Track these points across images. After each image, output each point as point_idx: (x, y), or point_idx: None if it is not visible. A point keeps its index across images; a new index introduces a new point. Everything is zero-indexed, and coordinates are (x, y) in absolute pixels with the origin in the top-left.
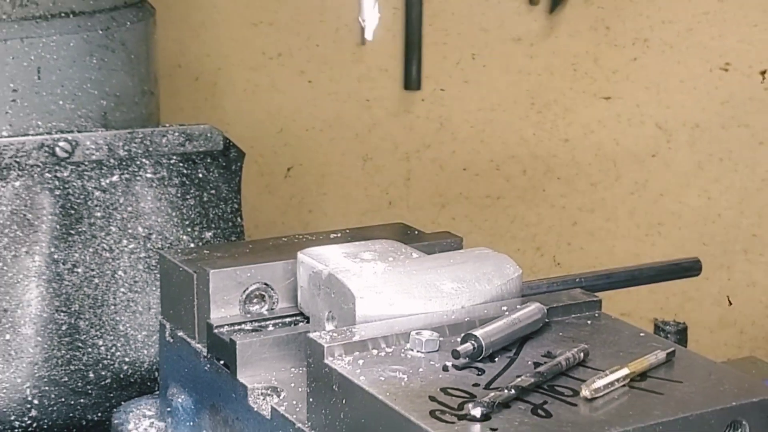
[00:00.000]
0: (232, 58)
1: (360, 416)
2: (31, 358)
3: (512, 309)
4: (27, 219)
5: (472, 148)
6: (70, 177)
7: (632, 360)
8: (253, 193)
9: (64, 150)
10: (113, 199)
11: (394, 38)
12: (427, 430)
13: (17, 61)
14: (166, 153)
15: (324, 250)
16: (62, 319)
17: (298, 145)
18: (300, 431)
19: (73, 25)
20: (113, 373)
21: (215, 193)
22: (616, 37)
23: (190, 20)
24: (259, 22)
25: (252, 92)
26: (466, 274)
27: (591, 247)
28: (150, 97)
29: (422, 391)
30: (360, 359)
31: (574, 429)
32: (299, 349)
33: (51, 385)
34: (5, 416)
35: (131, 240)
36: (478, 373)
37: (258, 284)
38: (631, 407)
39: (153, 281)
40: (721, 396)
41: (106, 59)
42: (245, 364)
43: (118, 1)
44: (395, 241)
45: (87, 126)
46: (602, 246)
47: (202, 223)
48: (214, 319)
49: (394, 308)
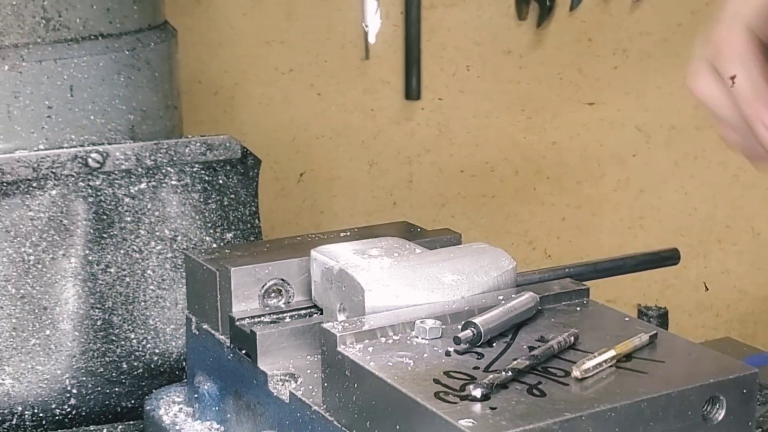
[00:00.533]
0: (247, 74)
1: (371, 399)
2: (70, 352)
3: (508, 298)
4: (63, 224)
5: (469, 151)
6: (101, 185)
7: (618, 342)
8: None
9: (95, 161)
10: (141, 204)
11: (395, 53)
12: (433, 411)
13: (51, 81)
14: (189, 162)
15: (335, 248)
16: (97, 315)
17: (309, 153)
18: (316, 413)
19: (102, 47)
20: (144, 363)
21: (234, 197)
22: (598, 48)
23: (209, 40)
24: (271, 40)
25: (266, 105)
26: (465, 267)
27: (578, 240)
28: (173, 111)
29: (427, 375)
30: (370, 347)
31: (566, 406)
32: (314, 338)
33: (88, 376)
34: (47, 405)
35: (159, 242)
36: (477, 357)
37: (275, 280)
38: (618, 386)
39: (179, 279)
40: (700, 374)
41: (132, 77)
42: (265, 353)
43: (143, 23)
44: (400, 239)
45: (116, 138)
46: (589, 239)
47: (223, 225)
48: (235, 312)
49: (400, 299)
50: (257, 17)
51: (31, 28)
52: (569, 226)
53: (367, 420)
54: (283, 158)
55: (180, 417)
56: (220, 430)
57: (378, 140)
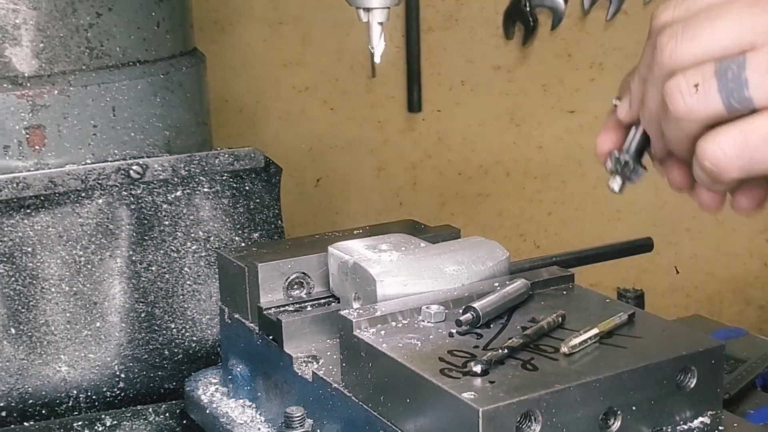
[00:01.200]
0: (268, 93)
1: (384, 376)
2: (118, 341)
3: (502, 285)
4: (109, 229)
5: (465, 156)
6: (142, 194)
7: (601, 321)
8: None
9: (136, 172)
10: (178, 210)
11: (398, 71)
12: (439, 385)
13: (96, 102)
14: (218, 171)
15: (349, 244)
16: (141, 308)
17: (324, 161)
18: (336, 390)
19: (139, 72)
20: (184, 350)
21: (259, 201)
22: (576, 62)
23: (233, 64)
24: (288, 63)
25: (285, 119)
26: (464, 258)
27: (564, 232)
28: (204, 127)
29: (433, 354)
30: (382, 330)
31: (556, 379)
32: (333, 324)
33: (134, 362)
34: (99, 388)
35: (194, 242)
36: (477, 338)
37: (297, 273)
38: (601, 359)
39: (213, 275)
40: (673, 347)
41: (167, 98)
42: (290, 338)
43: (175, 50)
44: (406, 234)
45: (154, 152)
46: (573, 231)
47: (250, 226)
48: (263, 303)
49: (408, 288)
50: (276, 43)
51: (77, 57)
52: (555, 220)
53: (381, 395)
54: (302, 166)
55: (216, 396)
56: (251, 406)
57: (385, 148)
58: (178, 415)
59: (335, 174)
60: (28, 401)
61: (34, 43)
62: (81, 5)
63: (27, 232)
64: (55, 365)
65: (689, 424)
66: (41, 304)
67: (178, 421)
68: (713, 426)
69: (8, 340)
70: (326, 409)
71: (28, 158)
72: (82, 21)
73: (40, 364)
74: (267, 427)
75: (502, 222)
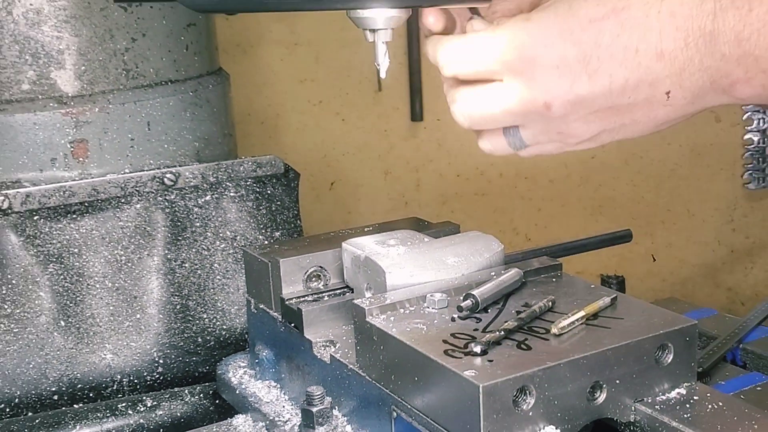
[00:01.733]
0: (286, 107)
1: (394, 357)
2: (156, 330)
3: (498, 274)
4: (147, 231)
5: (463, 160)
6: (175, 199)
7: (587, 305)
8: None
9: (170, 180)
10: (207, 213)
11: (401, 85)
12: (443, 364)
13: (133, 118)
14: (243, 177)
15: (361, 240)
16: (176, 300)
17: (337, 166)
18: (352, 371)
19: (171, 90)
20: (215, 337)
21: (280, 203)
22: None
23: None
24: (304, 79)
25: (302, 130)
26: (464, 251)
27: (552, 226)
28: (230, 138)
29: (437, 337)
30: (391, 316)
31: (547, 357)
32: (348, 312)
33: (171, 349)
34: (140, 373)
35: (222, 241)
36: (476, 322)
37: (315, 267)
38: (588, 339)
39: (240, 270)
40: (652, 327)
41: (196, 113)
42: (309, 325)
43: (202, 70)
44: (411, 230)
45: (185, 161)
46: (560, 225)
47: (272, 226)
48: (285, 294)
49: (414, 278)
50: (292, 62)
51: (115, 78)
52: (544, 215)
53: (391, 374)
54: (317, 171)
55: (245, 378)
56: (276, 387)
57: (391, 154)
58: (211, 395)
59: (347, 178)
60: (77, 386)
61: (76, 66)
62: (118, 32)
63: (73, 235)
64: (100, 353)
65: (667, 395)
66: (87, 299)
67: (211, 401)
68: (688, 396)
69: (59, 331)
70: (343, 387)
71: (73, 169)
72: (119, 46)
73: (87, 353)
74: (290, 405)
75: (497, 218)
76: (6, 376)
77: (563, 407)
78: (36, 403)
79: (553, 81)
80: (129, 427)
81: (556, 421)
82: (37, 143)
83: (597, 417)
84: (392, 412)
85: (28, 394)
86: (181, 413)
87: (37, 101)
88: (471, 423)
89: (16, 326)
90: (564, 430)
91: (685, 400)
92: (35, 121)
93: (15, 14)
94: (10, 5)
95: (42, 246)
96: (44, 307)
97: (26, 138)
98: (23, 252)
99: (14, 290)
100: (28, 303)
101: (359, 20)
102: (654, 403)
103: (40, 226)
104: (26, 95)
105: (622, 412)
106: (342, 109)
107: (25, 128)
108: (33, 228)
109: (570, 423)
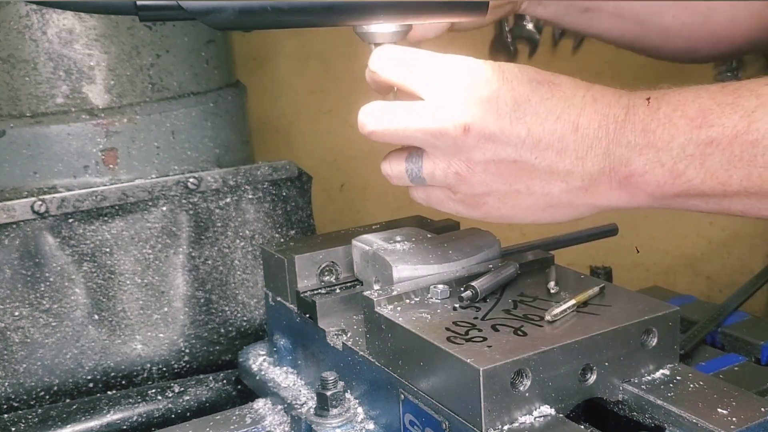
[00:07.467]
0: (299, 115)
1: (401, 344)
2: (182, 322)
3: (496, 266)
4: (172, 231)
5: None
6: (198, 201)
7: (578, 294)
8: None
9: (193, 184)
10: (228, 214)
11: None
12: (446, 350)
13: (158, 128)
14: (260, 181)
15: (369, 237)
16: (200, 295)
17: (346, 169)
18: (362, 357)
19: (193, 101)
20: (236, 328)
21: (294, 204)
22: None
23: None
24: (315, 90)
25: (314, 137)
26: (464, 246)
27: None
28: (247, 145)
29: (440, 325)
30: (398, 307)
31: (542, 342)
32: (358, 303)
33: (196, 339)
34: (168, 362)
35: (242, 240)
36: (476, 311)
37: (328, 262)
38: (579, 325)
39: (258, 266)
40: (638, 313)
41: (216, 122)
42: (323, 315)
43: (222, 83)
44: (415, 228)
45: (207, 167)
46: None
47: (287, 225)
48: (300, 287)
49: (418, 271)
50: (304, 74)
51: (142, 91)
52: None
53: (399, 360)
54: (328, 174)
55: (264, 365)
56: (293, 373)
57: None
58: (234, 381)
59: (356, 180)
60: (110, 374)
61: (106, 81)
62: (144, 49)
63: (105, 236)
64: (131, 344)
65: (652, 376)
66: (119, 294)
67: (233, 387)
68: (672, 376)
69: (93, 324)
70: (354, 372)
71: (104, 175)
72: (145, 61)
73: (119, 344)
74: (306, 389)
75: None
76: (45, 366)
77: (557, 388)
78: (73, 390)
79: (481, 109)
80: (158, 411)
81: (551, 401)
82: (71, 152)
83: (588, 397)
84: (400, 395)
85: (66, 382)
86: (206, 398)
87: (70, 113)
88: (472, 404)
89: (54, 320)
90: (558, 409)
91: (668, 380)
92: (69, 132)
93: (49, 34)
94: (45, 26)
95: (77, 246)
96: (79, 303)
97: (61, 147)
98: (59, 252)
99: (52, 287)
100: (65, 299)
101: (364, 35)
102: (640, 383)
103: (74, 228)
104: (60, 108)
105: (611, 391)
106: (350, 117)
107: (59, 138)
108: (68, 230)
109: (563, 402)
